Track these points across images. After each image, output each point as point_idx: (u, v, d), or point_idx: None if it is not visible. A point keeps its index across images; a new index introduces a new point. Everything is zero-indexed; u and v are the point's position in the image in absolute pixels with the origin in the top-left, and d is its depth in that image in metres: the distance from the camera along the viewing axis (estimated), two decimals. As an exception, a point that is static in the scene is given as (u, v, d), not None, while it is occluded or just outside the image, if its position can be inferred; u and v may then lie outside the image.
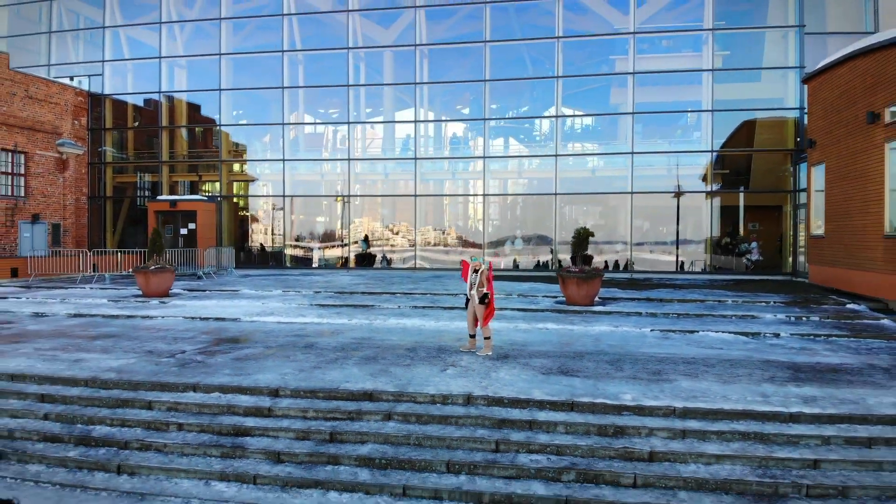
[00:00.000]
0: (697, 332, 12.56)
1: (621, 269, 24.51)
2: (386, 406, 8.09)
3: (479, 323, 10.46)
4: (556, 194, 24.68)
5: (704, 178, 23.87)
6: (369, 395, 8.33)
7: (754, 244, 23.70)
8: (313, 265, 27.11)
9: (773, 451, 7.02)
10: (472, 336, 10.74)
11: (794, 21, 22.99)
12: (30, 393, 9.16)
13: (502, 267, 25.55)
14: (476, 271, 10.30)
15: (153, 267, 17.42)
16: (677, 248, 23.96)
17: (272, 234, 28.22)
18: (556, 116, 24.65)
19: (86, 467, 7.54)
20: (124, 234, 29.01)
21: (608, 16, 25.21)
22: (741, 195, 24.71)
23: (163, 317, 14.71)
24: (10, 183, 24.83)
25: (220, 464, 7.34)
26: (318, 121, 28.79)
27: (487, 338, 10.53)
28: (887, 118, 14.13)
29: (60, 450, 7.91)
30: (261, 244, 28.44)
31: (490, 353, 10.45)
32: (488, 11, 24.80)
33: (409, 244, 26.33)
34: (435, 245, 26.63)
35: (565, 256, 23.83)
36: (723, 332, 12.52)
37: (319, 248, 27.55)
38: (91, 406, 8.73)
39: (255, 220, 28.87)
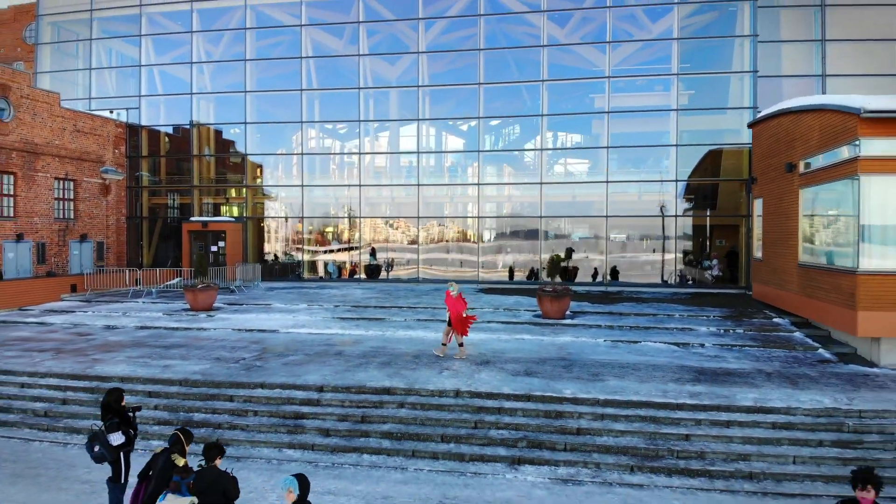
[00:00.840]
0: (640, 342, 15.95)
1: (602, 281, 27.80)
2: (399, 397, 11.51)
3: (453, 333, 14.04)
4: (541, 217, 28.08)
5: (672, 202, 27.18)
6: (387, 390, 11.75)
7: (715, 261, 27.07)
8: (329, 277, 30.47)
9: (661, 428, 10.43)
10: (445, 345, 14.25)
11: (749, 67, 26.33)
12: (139, 390, 12.58)
13: (496, 279, 28.91)
14: None
15: (200, 286, 20.85)
16: (663, 261, 27.32)
17: (291, 249, 31.58)
18: (541, 149, 28.07)
19: (193, 441, 10.92)
20: (157, 250, 32.45)
21: (589, 55, 28.49)
22: (707, 217, 28.05)
23: (214, 329, 18.13)
24: (62, 207, 28.26)
25: (288, 437, 10.75)
26: (333, 152, 32.09)
27: (444, 344, 14.19)
28: (801, 169, 17.48)
29: (172, 430, 11.30)
30: (281, 258, 31.80)
31: (441, 355, 14.13)
32: (482, 57, 28.18)
33: (411, 241, 29.63)
34: (438, 242, 29.98)
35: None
36: (660, 342, 15.92)
37: (333, 262, 30.92)
38: (187, 399, 12.15)
39: (275, 237, 32.24)
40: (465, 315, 14.00)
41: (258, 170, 31.95)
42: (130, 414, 8.44)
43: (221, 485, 6.51)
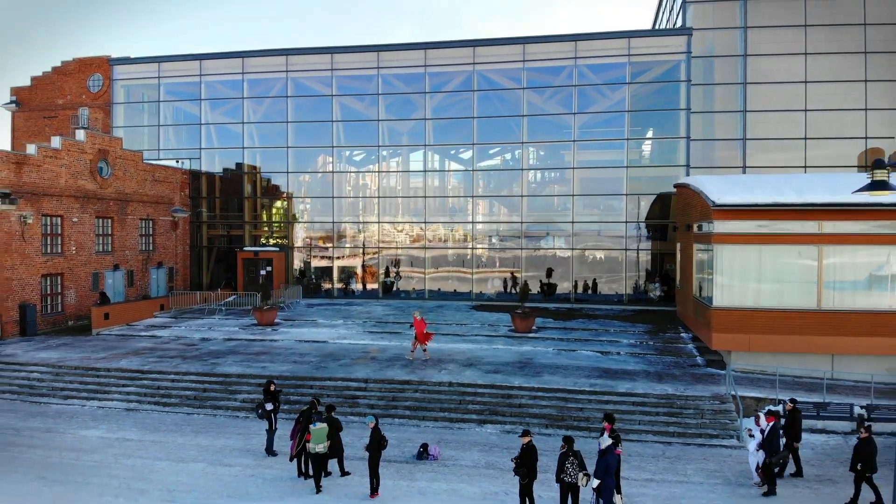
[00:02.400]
0: (576, 350, 23.36)
1: (570, 297, 35.10)
2: (415, 385, 18.97)
3: (418, 343, 21.60)
4: (522, 249, 35.53)
5: (623, 238, 34.47)
6: (407, 382, 19.21)
7: (657, 284, 34.41)
8: (353, 293, 37.87)
9: (567, 404, 17.84)
10: (413, 351, 21.84)
11: (683, 134, 33.63)
12: (253, 383, 20.04)
13: (487, 294, 36.24)
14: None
15: (266, 307, 28.38)
16: (629, 280, 34.73)
17: (323, 271, 39.03)
18: (522, 196, 35.52)
19: (293, 412, 18.38)
20: (213, 273, 40.00)
21: (561, 116, 35.76)
22: (658, 247, 35.24)
23: (282, 340, 25.62)
24: (144, 241, 35.84)
25: (349, 409, 18.22)
26: (358, 196, 39.50)
27: (425, 349, 21.69)
28: (695, 229, 24.83)
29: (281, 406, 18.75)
30: (314, 278, 39.21)
31: (429, 357, 21.57)
32: (475, 123, 35.67)
33: (419, 264, 37.04)
34: (441, 264, 37.44)
35: (532, 285, 34.65)
36: (590, 351, 23.32)
37: (358, 282, 38.37)
38: (284, 387, 19.58)
39: (310, 261, 39.66)
40: (425, 332, 21.55)
41: (297, 207, 39.46)
42: (277, 393, 15.90)
43: (335, 423, 13.97)
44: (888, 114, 34.07)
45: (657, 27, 44.91)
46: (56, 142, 30.44)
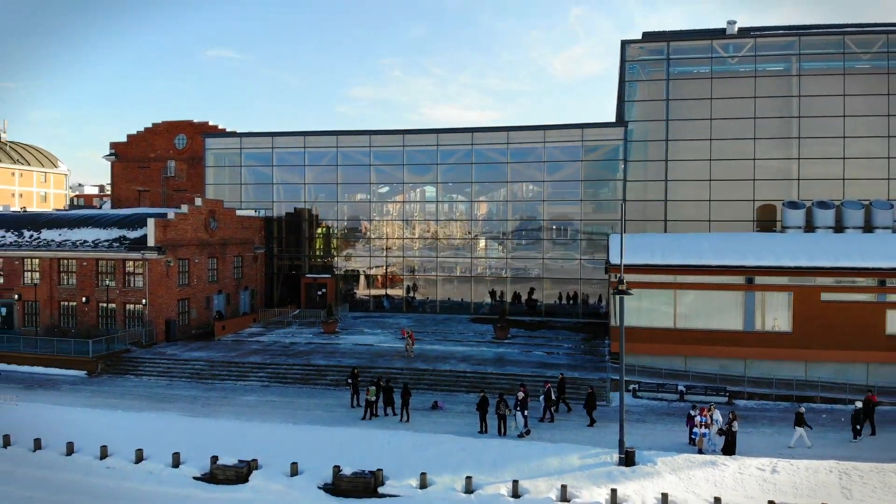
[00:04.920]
0: (532, 350, 37.05)
1: (540, 309, 48.72)
2: (430, 372, 32.91)
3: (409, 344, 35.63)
4: (507, 277, 49.31)
5: (578, 269, 48.03)
6: (426, 370, 33.11)
7: (603, 304, 47.97)
8: (384, 308, 51.77)
9: (516, 382, 31.60)
10: (407, 349, 35.78)
11: (621, 197, 47.14)
12: (335, 370, 34.00)
13: (482, 310, 49.93)
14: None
15: (330, 320, 42.37)
16: (582, 301, 48.32)
17: (362, 291, 52.98)
18: (507, 238, 49.29)
19: (363, 385, 32.31)
20: (280, 293, 54.13)
21: (535, 182, 49.37)
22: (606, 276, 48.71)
23: (343, 343, 39.51)
24: (236, 272, 50.00)
25: (393, 385, 32.11)
26: (388, 237, 53.44)
27: (408, 349, 35.73)
28: (612, 278, 38.30)
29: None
30: (357, 295, 53.14)
31: (413, 355, 35.55)
32: (473, 186, 49.49)
33: (432, 284, 50.82)
34: (451, 278, 51.26)
35: (522, 296, 48.34)
36: (541, 351, 36.99)
37: (387, 298, 52.29)
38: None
39: (352, 284, 53.65)
40: (413, 338, 35.50)
41: (344, 245, 53.54)
42: (357, 374, 29.78)
43: (390, 388, 27.87)
44: (775, 182, 47.11)
45: (618, 108, 58.30)
46: (185, 208, 44.66)
